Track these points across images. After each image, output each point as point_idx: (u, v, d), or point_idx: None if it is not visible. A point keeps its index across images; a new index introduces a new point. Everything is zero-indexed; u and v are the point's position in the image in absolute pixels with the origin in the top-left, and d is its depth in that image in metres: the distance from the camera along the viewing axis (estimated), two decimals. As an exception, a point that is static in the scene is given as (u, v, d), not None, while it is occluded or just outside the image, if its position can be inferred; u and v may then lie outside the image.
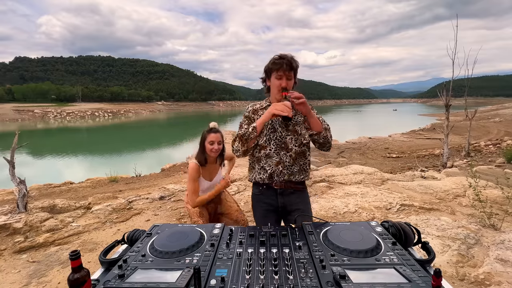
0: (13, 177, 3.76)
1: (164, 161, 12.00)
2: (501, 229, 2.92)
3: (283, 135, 1.57)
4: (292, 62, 1.49)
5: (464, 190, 4.26)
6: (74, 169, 13.54)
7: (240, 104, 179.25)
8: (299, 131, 1.58)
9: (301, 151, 1.58)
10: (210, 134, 2.14)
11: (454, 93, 9.92)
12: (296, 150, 1.57)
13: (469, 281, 2.15)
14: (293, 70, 1.51)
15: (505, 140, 13.79)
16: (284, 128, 1.57)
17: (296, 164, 1.59)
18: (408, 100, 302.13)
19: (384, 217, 3.46)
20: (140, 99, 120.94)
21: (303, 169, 1.62)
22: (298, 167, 1.60)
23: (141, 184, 6.68)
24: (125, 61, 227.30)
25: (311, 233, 1.03)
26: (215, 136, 2.13)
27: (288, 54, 1.52)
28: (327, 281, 0.74)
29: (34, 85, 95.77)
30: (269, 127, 1.58)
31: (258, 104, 1.68)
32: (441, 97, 9.74)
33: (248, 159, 1.71)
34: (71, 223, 3.57)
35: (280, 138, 1.57)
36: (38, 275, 2.52)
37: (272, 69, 1.52)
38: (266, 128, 1.58)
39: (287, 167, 1.57)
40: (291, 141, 1.57)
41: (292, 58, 1.50)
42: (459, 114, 24.70)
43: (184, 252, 0.90)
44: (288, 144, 1.57)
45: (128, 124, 48.44)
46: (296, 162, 1.59)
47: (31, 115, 56.75)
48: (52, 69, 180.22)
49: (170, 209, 4.17)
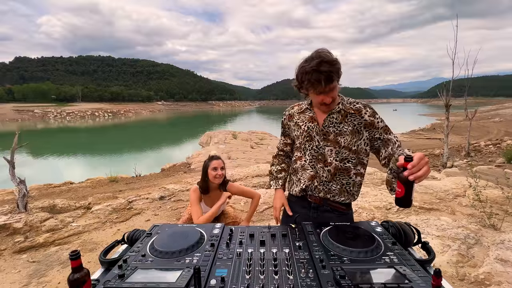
0: (13, 177, 3.76)
1: (164, 161, 12.01)
2: (501, 229, 2.92)
3: (320, 145, 1.32)
4: (332, 75, 1.15)
5: (464, 190, 4.26)
6: (74, 169, 13.54)
7: (240, 104, 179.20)
8: (342, 142, 1.28)
9: (343, 168, 1.31)
10: (212, 161, 2.17)
11: (454, 93, 9.92)
12: (336, 165, 1.30)
13: (469, 281, 2.15)
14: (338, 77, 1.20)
15: (505, 140, 13.79)
16: (322, 137, 1.31)
17: (335, 182, 1.33)
18: (408, 100, 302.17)
19: (384, 217, 3.46)
20: (140, 99, 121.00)
21: (345, 190, 1.34)
22: (339, 186, 1.33)
23: (141, 184, 6.68)
24: (125, 61, 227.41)
25: (311, 233, 1.03)
26: (217, 162, 2.17)
27: (325, 56, 1.14)
28: (327, 281, 0.74)
29: (34, 85, 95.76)
30: (305, 135, 1.35)
31: (297, 107, 1.44)
32: (441, 97, 9.74)
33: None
34: (71, 223, 3.57)
35: (317, 148, 1.33)
36: (38, 275, 2.52)
37: (308, 88, 1.22)
38: (302, 136, 1.37)
39: (324, 183, 1.33)
40: (331, 153, 1.30)
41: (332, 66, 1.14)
42: (459, 114, 24.70)
43: (184, 252, 0.90)
44: (327, 156, 1.31)
45: (128, 124, 48.45)
46: (335, 179, 1.32)
47: (31, 115, 56.75)
48: (52, 69, 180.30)
49: (170, 209, 4.16)
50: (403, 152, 1.12)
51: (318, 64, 1.13)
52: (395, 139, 1.25)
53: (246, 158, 11.02)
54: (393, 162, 1.11)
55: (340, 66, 1.18)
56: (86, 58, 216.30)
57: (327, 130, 1.30)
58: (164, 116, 71.80)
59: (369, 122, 1.27)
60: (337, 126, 1.29)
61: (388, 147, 1.24)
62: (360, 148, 1.30)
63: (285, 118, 1.48)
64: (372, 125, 1.27)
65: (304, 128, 1.36)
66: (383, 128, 1.28)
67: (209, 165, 2.17)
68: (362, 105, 1.29)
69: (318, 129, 1.32)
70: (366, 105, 1.30)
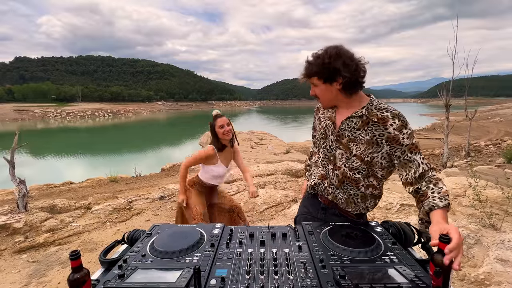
0: (13, 177, 3.76)
1: (164, 161, 12.00)
2: (501, 229, 2.92)
3: (333, 145, 1.24)
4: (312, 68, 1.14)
5: (464, 190, 4.26)
6: (74, 169, 13.54)
7: (240, 104, 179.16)
8: (354, 150, 1.17)
9: (352, 178, 1.20)
10: (218, 119, 2.22)
11: (454, 93, 9.92)
12: (344, 171, 1.21)
13: (469, 281, 2.15)
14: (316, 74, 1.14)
15: (505, 140, 13.79)
16: (335, 137, 1.22)
17: (342, 190, 1.25)
18: (408, 100, 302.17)
19: (384, 217, 3.46)
20: (140, 99, 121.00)
21: (352, 201, 1.25)
22: (346, 196, 1.24)
23: (141, 184, 6.68)
24: (125, 61, 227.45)
25: (311, 233, 1.03)
26: (222, 119, 2.22)
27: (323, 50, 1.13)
28: (327, 281, 0.74)
29: (34, 85, 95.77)
30: (322, 132, 1.29)
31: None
32: (441, 97, 9.74)
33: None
34: (71, 223, 3.57)
35: (330, 148, 1.25)
36: (38, 275, 2.52)
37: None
38: (319, 132, 1.31)
39: (333, 186, 1.27)
40: (341, 157, 1.21)
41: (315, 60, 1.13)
42: (459, 114, 24.70)
43: (184, 252, 0.90)
44: (337, 159, 1.23)
45: (128, 124, 48.45)
46: (342, 187, 1.24)
47: (31, 115, 56.74)
48: (52, 69, 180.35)
49: (170, 209, 4.16)
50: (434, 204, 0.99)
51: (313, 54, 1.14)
52: (420, 160, 1.08)
53: (246, 158, 11.02)
54: (422, 213, 1.03)
55: (331, 66, 1.09)
56: (86, 58, 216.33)
57: (342, 133, 1.20)
58: (164, 116, 71.81)
59: (393, 136, 1.09)
60: (354, 131, 1.17)
61: (411, 170, 1.09)
62: (376, 162, 1.16)
63: (315, 111, 1.43)
64: (396, 140, 1.09)
65: (323, 124, 1.30)
66: (409, 146, 1.09)
67: (216, 124, 2.21)
68: (390, 115, 1.11)
69: (334, 129, 1.24)
70: (396, 115, 1.11)
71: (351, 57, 1.11)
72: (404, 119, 1.11)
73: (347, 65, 1.09)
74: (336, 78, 1.11)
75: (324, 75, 1.13)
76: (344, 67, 1.09)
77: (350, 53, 1.12)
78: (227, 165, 2.35)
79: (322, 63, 1.11)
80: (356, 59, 1.12)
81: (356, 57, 1.12)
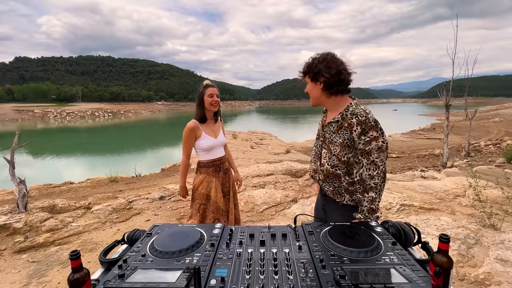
0: (13, 177, 3.76)
1: (164, 161, 12.00)
2: (501, 229, 2.92)
3: (320, 145, 1.48)
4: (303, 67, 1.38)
5: (464, 190, 4.26)
6: (74, 169, 13.54)
7: (240, 104, 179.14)
8: (333, 151, 1.35)
9: (334, 173, 1.37)
10: (208, 88, 2.15)
11: (454, 93, 9.92)
12: (327, 168, 1.39)
13: (469, 281, 2.15)
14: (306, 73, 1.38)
15: (505, 140, 13.80)
16: (322, 138, 1.46)
17: (327, 183, 1.43)
18: (408, 100, 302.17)
19: (384, 217, 3.46)
20: (140, 99, 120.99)
21: (338, 192, 1.41)
22: (331, 188, 1.42)
23: (141, 184, 6.68)
24: (125, 61, 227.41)
25: (311, 233, 1.03)
26: (212, 89, 2.15)
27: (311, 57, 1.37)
28: (327, 281, 0.74)
29: (34, 85, 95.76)
30: (317, 132, 1.55)
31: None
32: (441, 97, 9.74)
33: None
34: (71, 223, 3.57)
35: (319, 147, 1.50)
36: (38, 275, 2.52)
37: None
38: (316, 133, 1.57)
39: (321, 180, 1.46)
40: (325, 155, 1.41)
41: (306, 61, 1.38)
42: (459, 114, 24.70)
43: (184, 252, 0.90)
44: (322, 157, 1.44)
45: (128, 124, 48.44)
46: (327, 181, 1.42)
47: (31, 115, 56.74)
48: (52, 69, 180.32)
49: (170, 209, 4.17)
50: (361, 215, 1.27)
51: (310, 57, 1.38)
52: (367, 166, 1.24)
53: (246, 158, 11.02)
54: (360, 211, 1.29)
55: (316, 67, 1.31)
56: (86, 58, 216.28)
57: (325, 135, 1.41)
58: (164, 116, 71.81)
59: (353, 140, 1.26)
60: (332, 134, 1.36)
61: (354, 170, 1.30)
62: (351, 162, 1.31)
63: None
64: (355, 144, 1.26)
65: (318, 127, 1.53)
66: (361, 151, 1.25)
67: (205, 92, 2.13)
68: (356, 121, 1.24)
69: (322, 131, 1.46)
70: (360, 122, 1.23)
71: (335, 62, 1.30)
72: (366, 127, 1.23)
73: (328, 68, 1.29)
74: (319, 78, 1.32)
75: (311, 74, 1.35)
76: (326, 69, 1.29)
77: (336, 59, 1.31)
78: (215, 137, 2.24)
79: (311, 64, 1.34)
80: (340, 65, 1.30)
81: (342, 64, 1.31)
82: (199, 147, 2.20)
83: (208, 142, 2.18)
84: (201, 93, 2.14)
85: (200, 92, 2.15)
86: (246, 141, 16.21)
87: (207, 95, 2.13)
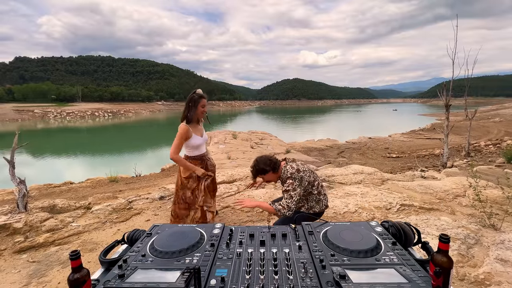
0: (13, 177, 3.76)
1: (164, 161, 11.99)
2: (501, 229, 2.92)
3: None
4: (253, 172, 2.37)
5: (464, 190, 4.26)
6: (74, 169, 13.54)
7: (240, 104, 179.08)
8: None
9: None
10: (202, 99, 2.55)
11: (454, 93, 9.92)
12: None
13: (469, 281, 2.15)
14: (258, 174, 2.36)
15: (505, 140, 13.79)
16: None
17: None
18: (408, 100, 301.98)
19: (384, 217, 3.46)
20: (140, 99, 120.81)
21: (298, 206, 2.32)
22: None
23: (141, 184, 6.67)
24: (125, 61, 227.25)
25: (311, 233, 1.03)
26: (205, 101, 2.60)
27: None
28: (327, 281, 0.74)
29: (34, 85, 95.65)
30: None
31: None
32: (441, 97, 9.74)
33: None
34: (71, 223, 3.56)
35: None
36: (38, 275, 2.52)
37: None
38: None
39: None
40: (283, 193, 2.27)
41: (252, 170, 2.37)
42: (459, 114, 24.70)
43: (184, 252, 0.90)
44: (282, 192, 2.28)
45: (128, 124, 48.44)
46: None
47: (31, 115, 56.71)
48: (52, 69, 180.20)
49: (170, 209, 4.16)
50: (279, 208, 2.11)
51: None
52: (284, 200, 2.13)
53: (246, 158, 11.02)
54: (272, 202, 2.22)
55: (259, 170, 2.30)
56: (86, 58, 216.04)
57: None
58: (164, 116, 71.77)
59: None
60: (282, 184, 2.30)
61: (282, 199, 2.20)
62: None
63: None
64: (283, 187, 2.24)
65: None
66: (283, 189, 2.19)
67: (200, 102, 2.54)
68: (285, 177, 2.24)
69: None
70: (286, 178, 2.22)
71: (263, 160, 2.31)
72: (287, 179, 2.19)
73: (264, 164, 2.28)
74: (265, 171, 2.28)
75: (260, 173, 2.33)
76: (264, 166, 2.27)
77: (262, 158, 2.33)
78: (201, 136, 2.68)
79: (255, 169, 2.34)
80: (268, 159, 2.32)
81: (268, 157, 2.33)
82: (190, 145, 2.60)
83: (198, 141, 2.62)
84: (196, 101, 2.53)
85: (195, 100, 2.53)
86: (246, 141, 16.21)
87: (201, 105, 2.55)
